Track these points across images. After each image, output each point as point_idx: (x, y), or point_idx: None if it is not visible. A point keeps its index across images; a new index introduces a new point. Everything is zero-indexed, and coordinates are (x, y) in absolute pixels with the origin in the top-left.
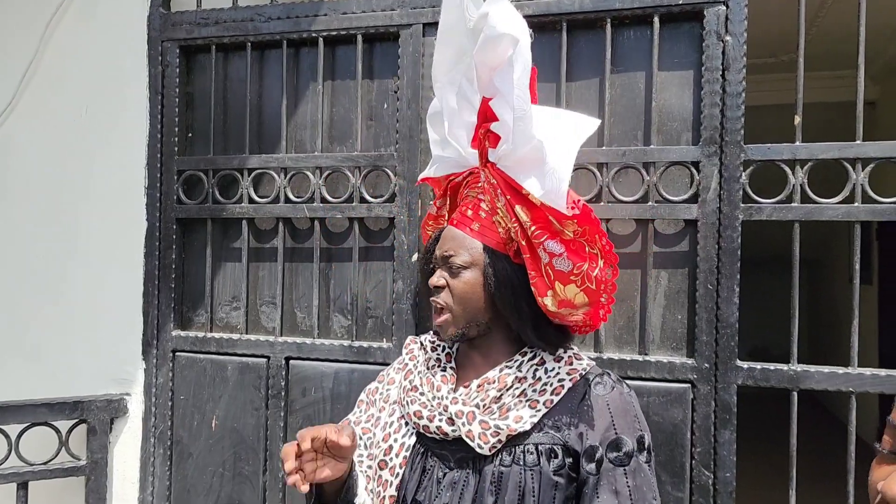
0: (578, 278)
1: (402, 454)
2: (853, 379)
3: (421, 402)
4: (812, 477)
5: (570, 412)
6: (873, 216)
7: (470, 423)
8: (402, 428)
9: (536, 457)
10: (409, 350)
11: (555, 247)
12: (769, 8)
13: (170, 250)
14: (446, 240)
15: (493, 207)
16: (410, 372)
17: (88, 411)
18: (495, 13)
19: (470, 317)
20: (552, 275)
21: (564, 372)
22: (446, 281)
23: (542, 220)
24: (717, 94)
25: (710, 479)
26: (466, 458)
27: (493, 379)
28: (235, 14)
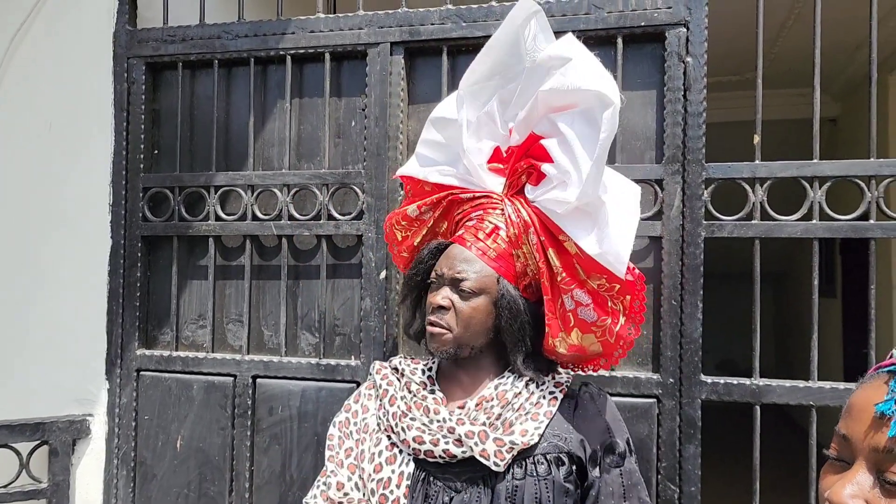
0: (600, 330)
1: (403, 484)
2: (814, 392)
3: (418, 427)
4: (778, 488)
5: (569, 420)
6: (831, 233)
7: (483, 443)
8: (396, 457)
9: (547, 466)
10: (383, 375)
11: (583, 297)
12: (730, 27)
13: (135, 268)
14: (457, 260)
15: (516, 241)
16: (394, 397)
17: (50, 433)
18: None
19: (469, 340)
20: (572, 321)
21: (552, 385)
22: (452, 302)
23: (569, 268)
24: (679, 113)
25: (675, 494)
26: (475, 478)
27: (490, 397)
28: (202, 31)
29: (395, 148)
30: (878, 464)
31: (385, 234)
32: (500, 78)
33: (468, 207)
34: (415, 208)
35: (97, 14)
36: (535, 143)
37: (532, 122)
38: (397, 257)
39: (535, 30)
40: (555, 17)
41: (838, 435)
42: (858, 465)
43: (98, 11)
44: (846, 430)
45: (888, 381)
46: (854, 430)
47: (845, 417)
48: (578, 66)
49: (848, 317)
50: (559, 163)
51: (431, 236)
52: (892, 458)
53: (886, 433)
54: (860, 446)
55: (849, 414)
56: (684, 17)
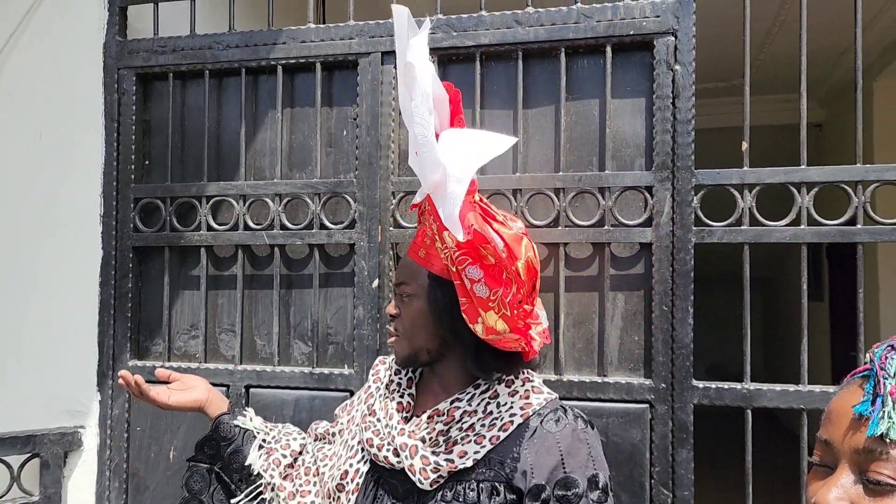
0: (495, 304)
1: (356, 480)
2: (804, 396)
3: (374, 430)
4: (769, 492)
5: (517, 448)
6: (819, 238)
7: (412, 458)
8: (358, 453)
9: (477, 494)
10: (376, 371)
11: (474, 272)
12: (718, 35)
13: (126, 279)
14: (399, 268)
15: (433, 234)
16: (372, 395)
17: (41, 445)
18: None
19: (418, 344)
20: (475, 301)
21: (518, 407)
22: (399, 309)
23: (467, 245)
24: (668, 120)
25: (668, 498)
26: (411, 492)
27: (442, 411)
28: (193, 42)
29: (387, 157)
30: (860, 464)
31: None
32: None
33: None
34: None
35: (87, 25)
36: None
37: None
38: None
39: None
40: (544, 27)
41: (820, 441)
42: (841, 468)
43: (88, 22)
44: (827, 436)
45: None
46: (834, 434)
47: (825, 424)
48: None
49: (835, 320)
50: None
51: None
52: (872, 457)
53: (865, 433)
54: (841, 449)
55: (828, 419)
56: (672, 25)
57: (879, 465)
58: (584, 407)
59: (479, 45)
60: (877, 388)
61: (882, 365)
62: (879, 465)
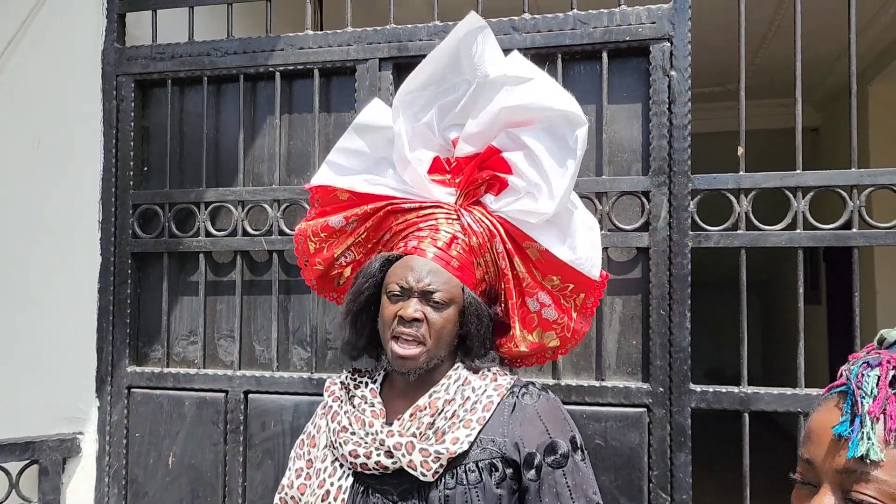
0: (560, 327)
1: (339, 497)
2: (801, 399)
3: (355, 441)
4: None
5: (503, 424)
6: (815, 242)
7: (410, 454)
8: (336, 471)
9: (478, 474)
10: (331, 392)
11: (546, 298)
12: (713, 40)
13: (125, 285)
14: (423, 272)
15: (479, 249)
16: (337, 413)
17: (40, 452)
18: (550, 86)
19: (440, 350)
20: (536, 321)
21: (491, 388)
22: (424, 314)
23: (531, 273)
24: (665, 126)
25: (667, 502)
26: (410, 489)
27: (424, 406)
28: (192, 48)
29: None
30: (842, 484)
31: (296, 247)
32: (436, 87)
33: (413, 217)
34: (341, 219)
35: (85, 32)
36: (492, 155)
37: (490, 135)
38: (308, 270)
39: (482, 45)
40: (541, 33)
41: (802, 459)
42: (824, 489)
43: (86, 29)
44: (808, 455)
45: (839, 403)
46: (815, 454)
47: (806, 443)
48: (542, 85)
49: (832, 323)
50: (527, 176)
51: (361, 248)
52: (854, 477)
53: (845, 455)
54: (823, 469)
55: (809, 439)
56: (668, 31)
57: (862, 485)
58: (582, 411)
59: None
60: (854, 407)
61: (858, 384)
62: (862, 486)
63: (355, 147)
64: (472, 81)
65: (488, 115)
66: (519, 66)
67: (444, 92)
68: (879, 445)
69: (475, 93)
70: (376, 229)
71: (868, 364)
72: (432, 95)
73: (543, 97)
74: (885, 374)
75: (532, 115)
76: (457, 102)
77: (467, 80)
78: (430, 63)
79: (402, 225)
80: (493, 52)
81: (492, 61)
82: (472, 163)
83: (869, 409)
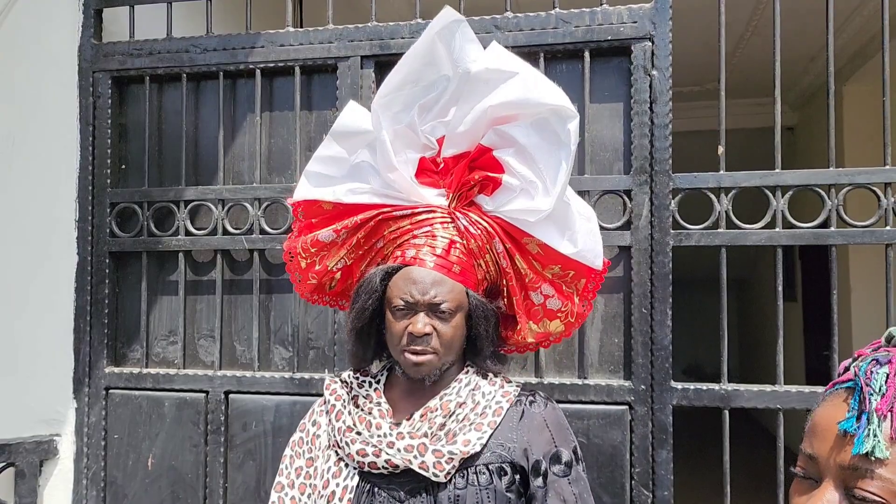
0: (564, 314)
1: (346, 497)
2: (780, 396)
3: (362, 441)
4: (746, 490)
5: (513, 430)
6: (794, 240)
7: (423, 455)
8: (342, 471)
9: (489, 476)
10: (332, 390)
11: (548, 289)
12: (692, 40)
13: (102, 285)
14: (427, 284)
15: (479, 251)
16: (340, 412)
17: (16, 454)
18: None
19: (452, 357)
20: (541, 314)
21: (500, 395)
22: (434, 327)
23: (532, 267)
24: (646, 125)
25: (649, 499)
26: (419, 488)
27: (435, 407)
28: (170, 45)
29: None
30: (845, 480)
31: (286, 265)
32: (413, 86)
33: (407, 224)
34: (330, 233)
35: (61, 28)
36: (482, 154)
37: (478, 133)
38: (302, 285)
39: (460, 40)
40: (523, 32)
41: (804, 454)
42: (827, 484)
43: (62, 25)
44: (811, 450)
45: (847, 399)
46: (819, 449)
47: (809, 436)
48: (528, 79)
49: (808, 320)
50: (521, 174)
51: (356, 258)
52: (858, 474)
53: (850, 450)
54: (826, 465)
55: (813, 433)
56: (649, 31)
57: (866, 482)
58: (565, 409)
59: None
60: (862, 404)
61: (867, 380)
62: (866, 483)
63: (333, 154)
64: (452, 78)
65: (475, 115)
66: (501, 59)
67: (423, 90)
68: (885, 443)
69: (457, 89)
70: (368, 237)
71: (877, 361)
72: (411, 95)
73: (531, 92)
74: (894, 372)
75: (520, 110)
76: (437, 100)
77: (446, 77)
78: (406, 62)
79: (396, 232)
80: (472, 46)
81: (471, 56)
82: (462, 163)
83: (877, 407)
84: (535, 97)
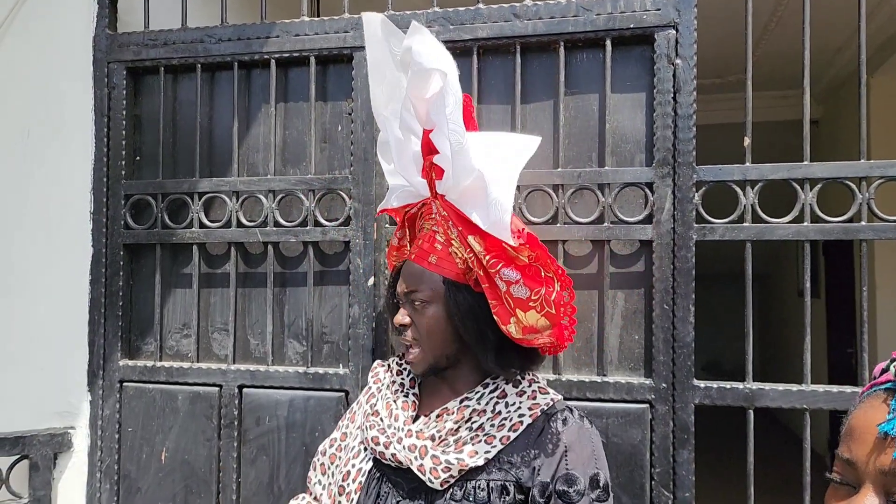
0: (537, 304)
1: (358, 479)
2: (807, 396)
3: (379, 428)
4: (768, 489)
5: (526, 448)
6: (822, 235)
7: (422, 458)
8: (361, 453)
9: (487, 494)
10: (375, 374)
11: (511, 274)
12: (714, 31)
13: (117, 277)
14: (406, 276)
15: (447, 239)
16: (373, 395)
17: (30, 447)
18: (419, 47)
19: (438, 350)
20: (511, 302)
21: (526, 407)
22: (411, 318)
23: (496, 249)
24: (669, 116)
25: (669, 500)
26: (418, 490)
27: (451, 410)
28: (185, 35)
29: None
30: (886, 486)
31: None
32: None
33: (419, 220)
34: (394, 237)
35: (76, 18)
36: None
37: (421, 119)
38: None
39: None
40: (542, 20)
41: (841, 459)
42: (866, 489)
43: (77, 16)
44: (849, 454)
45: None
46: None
47: (846, 440)
48: (416, 51)
49: (831, 317)
50: (441, 150)
51: None
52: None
53: (891, 454)
54: (866, 469)
55: (850, 437)
56: (673, 18)
57: None
58: (583, 407)
59: (477, 38)
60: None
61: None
62: None
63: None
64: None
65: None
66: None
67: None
68: None
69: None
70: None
71: None
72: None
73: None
74: None
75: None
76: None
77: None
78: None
79: (417, 228)
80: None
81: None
82: (423, 151)
83: None
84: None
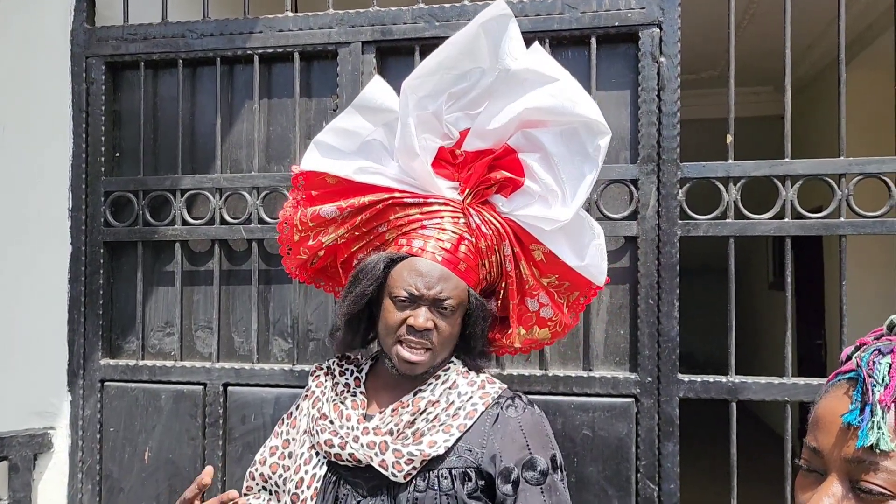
0: (554, 324)
1: (313, 486)
2: (788, 389)
3: (331, 431)
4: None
5: (484, 435)
6: (803, 231)
7: (383, 453)
8: (312, 459)
9: (451, 481)
10: (316, 377)
11: (545, 298)
12: (692, 29)
13: (97, 275)
14: (433, 278)
15: (485, 251)
16: (318, 399)
17: (9, 448)
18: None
19: (446, 354)
20: (534, 320)
21: (477, 396)
22: (435, 323)
23: (532, 274)
24: (654, 113)
25: (654, 492)
26: (380, 486)
27: (406, 403)
28: (165, 30)
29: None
30: (850, 473)
31: (280, 235)
32: (445, 73)
33: (417, 213)
34: (334, 209)
35: (53, 12)
36: (507, 155)
37: (506, 133)
38: (291, 258)
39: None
40: (528, 17)
41: (808, 447)
42: (832, 478)
43: (54, 9)
44: (815, 443)
45: (849, 391)
46: (823, 442)
47: (813, 430)
48: (567, 88)
49: (799, 309)
50: (543, 180)
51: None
52: (863, 467)
53: (854, 443)
54: (831, 458)
55: (816, 426)
56: (658, 17)
57: (871, 475)
58: (570, 401)
59: None
60: (865, 395)
61: (870, 371)
62: (871, 475)
63: (351, 127)
64: (488, 71)
65: (508, 113)
66: (543, 62)
67: (455, 79)
68: (890, 435)
69: (492, 85)
70: (372, 220)
71: (879, 351)
72: (441, 81)
73: (568, 101)
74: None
75: (553, 117)
76: (468, 91)
77: (481, 69)
78: (445, 47)
79: (404, 220)
80: (515, 44)
81: (513, 53)
82: (484, 160)
83: (880, 398)
84: (571, 107)
